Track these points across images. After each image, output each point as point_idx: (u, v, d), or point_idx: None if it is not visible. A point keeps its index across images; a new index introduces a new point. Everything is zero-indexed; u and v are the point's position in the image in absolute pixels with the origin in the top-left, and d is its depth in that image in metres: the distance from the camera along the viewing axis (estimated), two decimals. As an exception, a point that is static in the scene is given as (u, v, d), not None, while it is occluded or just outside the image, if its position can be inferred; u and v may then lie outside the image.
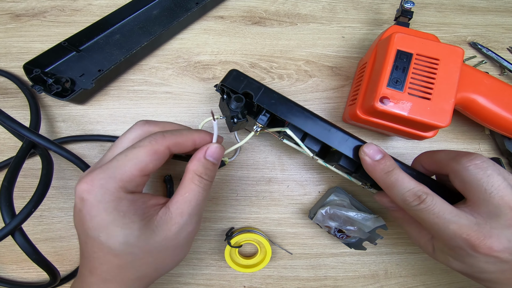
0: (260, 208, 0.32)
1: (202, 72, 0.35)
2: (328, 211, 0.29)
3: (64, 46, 0.32)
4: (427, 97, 0.25)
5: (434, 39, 0.28)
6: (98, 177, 0.18)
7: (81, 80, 0.32)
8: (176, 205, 0.20)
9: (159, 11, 0.36)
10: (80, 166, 0.29)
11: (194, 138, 0.22)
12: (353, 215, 0.29)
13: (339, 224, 0.29)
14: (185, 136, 0.21)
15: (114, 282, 0.19)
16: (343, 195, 0.31)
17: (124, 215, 0.18)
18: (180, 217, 0.20)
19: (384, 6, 0.39)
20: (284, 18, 0.37)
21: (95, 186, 0.18)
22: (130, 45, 0.34)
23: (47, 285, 0.28)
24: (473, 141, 0.35)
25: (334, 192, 0.31)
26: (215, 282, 0.31)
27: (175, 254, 0.21)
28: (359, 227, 0.29)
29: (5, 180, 0.24)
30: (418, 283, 0.32)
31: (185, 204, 0.20)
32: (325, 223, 0.29)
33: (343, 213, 0.29)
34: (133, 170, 0.19)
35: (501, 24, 0.38)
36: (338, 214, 0.29)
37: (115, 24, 0.35)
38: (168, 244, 0.20)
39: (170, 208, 0.20)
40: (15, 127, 0.25)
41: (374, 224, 0.28)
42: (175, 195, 0.21)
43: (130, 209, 0.18)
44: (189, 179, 0.21)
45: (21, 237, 0.23)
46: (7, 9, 0.36)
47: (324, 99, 0.35)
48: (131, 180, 0.19)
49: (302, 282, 0.32)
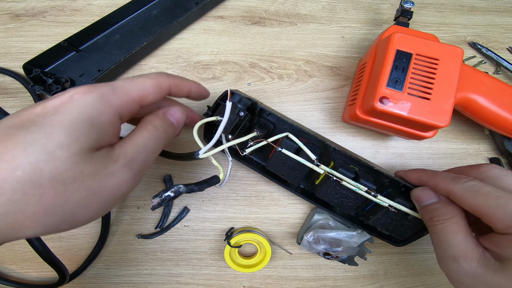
0: (260, 208, 0.32)
1: (202, 72, 0.35)
2: (313, 236, 0.29)
3: (63, 46, 0.32)
4: (427, 97, 0.25)
5: (434, 39, 0.28)
6: (101, 87, 0.17)
7: (81, 80, 0.32)
8: (121, 144, 0.17)
9: (158, 11, 0.36)
10: None
11: (190, 86, 0.23)
12: (338, 235, 0.28)
13: (326, 247, 0.29)
14: (184, 81, 0.22)
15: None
16: (325, 213, 0.30)
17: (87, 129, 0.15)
18: (123, 157, 0.17)
19: (384, 6, 0.39)
20: (284, 18, 0.37)
21: (94, 92, 0.16)
22: (130, 45, 0.34)
23: (56, 284, 0.28)
24: (473, 141, 0.35)
25: (316, 212, 0.31)
26: (214, 282, 0.31)
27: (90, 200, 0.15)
28: (346, 245, 0.29)
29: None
30: (418, 283, 0.32)
31: (132, 147, 0.18)
32: (312, 249, 0.29)
33: (327, 235, 0.28)
34: (134, 94, 0.18)
35: (500, 24, 0.38)
36: (322, 237, 0.29)
37: (114, 24, 0.35)
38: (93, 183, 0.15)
39: (115, 147, 0.17)
40: None
41: (360, 240, 0.28)
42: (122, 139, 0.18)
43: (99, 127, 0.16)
44: (142, 126, 0.19)
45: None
46: (7, 9, 0.36)
47: (324, 99, 0.35)
48: (128, 102, 0.18)
49: (302, 282, 0.32)
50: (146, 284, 0.31)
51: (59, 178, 0.14)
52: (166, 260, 0.31)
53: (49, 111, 0.15)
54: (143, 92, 0.19)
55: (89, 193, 0.15)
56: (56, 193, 0.14)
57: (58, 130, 0.14)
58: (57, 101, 0.16)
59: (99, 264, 0.31)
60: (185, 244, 0.31)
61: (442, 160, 0.34)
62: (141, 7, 0.36)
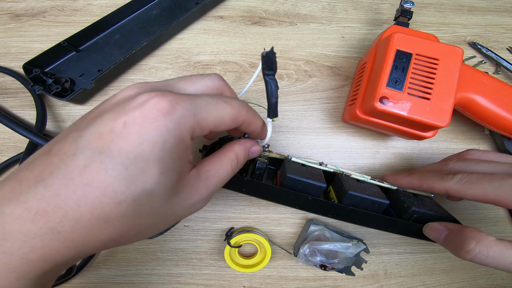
0: (260, 208, 0.32)
1: (202, 72, 0.35)
2: (308, 248, 0.29)
3: (63, 46, 0.32)
4: (427, 97, 0.25)
5: (434, 39, 0.28)
6: (183, 106, 0.15)
7: (81, 80, 0.32)
8: (206, 174, 0.18)
9: (158, 11, 0.36)
10: None
11: (257, 128, 0.20)
12: (333, 247, 0.28)
13: (322, 259, 0.29)
14: (257, 120, 0.20)
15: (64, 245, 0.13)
16: (321, 225, 0.31)
17: (173, 161, 0.15)
18: (205, 189, 0.18)
19: (384, 6, 0.39)
20: (284, 18, 0.37)
21: (176, 112, 0.14)
22: (129, 45, 0.34)
23: (61, 276, 0.28)
24: (473, 141, 0.35)
25: (312, 223, 0.31)
26: (214, 282, 0.31)
27: (166, 223, 0.17)
28: (342, 257, 0.29)
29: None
30: (418, 283, 0.32)
31: (215, 179, 0.18)
32: (308, 262, 0.29)
33: (323, 247, 0.29)
34: (211, 121, 0.16)
35: (500, 24, 0.38)
36: (318, 249, 0.29)
37: (114, 24, 0.35)
38: (176, 211, 0.17)
39: (201, 174, 0.18)
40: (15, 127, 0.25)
41: (356, 250, 0.29)
42: (208, 163, 0.19)
43: (180, 157, 0.15)
44: (229, 158, 0.19)
45: None
46: (6, 9, 0.36)
47: (324, 99, 0.35)
48: (203, 128, 0.16)
49: (301, 282, 0.32)
50: (146, 284, 0.31)
51: (156, 212, 0.15)
52: (166, 260, 0.31)
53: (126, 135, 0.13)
54: (220, 122, 0.17)
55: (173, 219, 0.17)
56: (151, 222, 0.16)
57: (153, 167, 0.14)
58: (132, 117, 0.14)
59: (99, 264, 0.31)
60: (185, 244, 0.31)
61: (442, 160, 0.34)
62: (141, 7, 0.36)
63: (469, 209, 0.33)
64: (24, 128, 0.27)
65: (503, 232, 0.33)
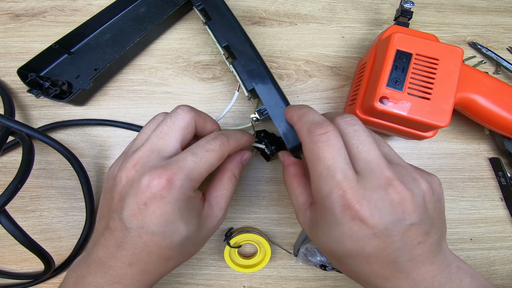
0: (260, 208, 0.32)
1: (202, 72, 0.35)
2: (308, 249, 0.29)
3: (55, 48, 0.32)
4: (427, 97, 0.25)
5: (434, 39, 0.28)
6: (178, 177, 0.18)
7: (78, 82, 0.32)
8: (216, 200, 0.23)
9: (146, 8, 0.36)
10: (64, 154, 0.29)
11: (244, 145, 0.24)
12: None
13: (321, 259, 0.29)
14: (240, 142, 0.23)
15: (154, 273, 0.20)
16: None
17: (189, 212, 0.20)
18: (220, 211, 0.22)
19: (383, 6, 0.39)
20: (284, 18, 0.37)
21: (175, 186, 0.18)
22: (122, 43, 0.34)
23: (42, 273, 0.28)
24: (473, 141, 0.35)
25: None
26: (214, 282, 0.31)
27: (203, 244, 0.24)
28: None
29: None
30: (418, 283, 0.32)
31: (223, 200, 0.23)
32: (307, 262, 0.29)
33: None
34: (205, 173, 0.20)
35: (500, 24, 0.38)
36: (318, 249, 0.29)
37: (104, 24, 0.35)
38: (205, 236, 0.22)
39: (211, 202, 0.22)
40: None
41: None
42: (213, 190, 0.23)
43: (193, 206, 0.20)
44: (228, 178, 0.23)
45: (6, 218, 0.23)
46: (6, 9, 0.36)
47: (324, 99, 0.35)
48: (200, 180, 0.20)
49: (302, 282, 0.32)
50: (146, 284, 0.31)
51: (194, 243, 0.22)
52: (166, 260, 0.31)
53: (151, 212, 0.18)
54: (211, 168, 0.21)
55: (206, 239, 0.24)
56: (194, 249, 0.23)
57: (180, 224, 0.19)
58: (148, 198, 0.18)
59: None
60: (185, 244, 0.31)
61: (442, 160, 0.34)
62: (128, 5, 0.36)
63: (469, 209, 0.33)
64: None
65: (503, 232, 0.33)
